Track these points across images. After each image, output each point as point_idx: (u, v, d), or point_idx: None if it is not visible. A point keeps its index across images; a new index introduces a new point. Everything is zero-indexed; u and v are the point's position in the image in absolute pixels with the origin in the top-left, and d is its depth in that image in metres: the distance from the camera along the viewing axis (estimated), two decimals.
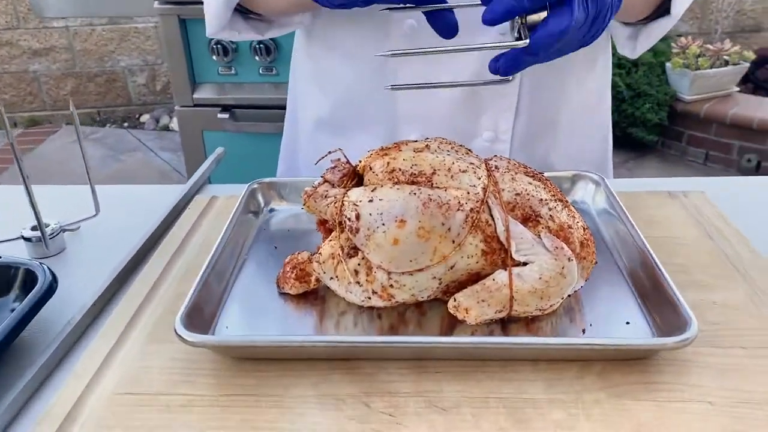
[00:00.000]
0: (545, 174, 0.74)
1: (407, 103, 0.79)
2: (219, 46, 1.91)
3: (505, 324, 0.56)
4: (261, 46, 1.89)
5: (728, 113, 3.03)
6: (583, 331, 0.55)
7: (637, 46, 0.81)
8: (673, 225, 0.71)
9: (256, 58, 1.92)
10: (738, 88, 3.24)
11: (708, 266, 0.63)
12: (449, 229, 0.52)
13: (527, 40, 0.52)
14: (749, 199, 0.80)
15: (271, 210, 0.76)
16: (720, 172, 3.09)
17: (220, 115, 1.99)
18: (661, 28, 0.77)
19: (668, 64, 3.20)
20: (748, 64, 3.21)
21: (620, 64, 3.14)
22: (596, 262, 0.58)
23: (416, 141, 0.61)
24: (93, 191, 0.77)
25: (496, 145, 0.80)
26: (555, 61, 0.78)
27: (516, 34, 0.54)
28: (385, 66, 0.78)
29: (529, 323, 0.56)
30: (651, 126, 3.19)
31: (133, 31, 3.77)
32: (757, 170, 2.96)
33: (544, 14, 0.52)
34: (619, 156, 3.28)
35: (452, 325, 0.56)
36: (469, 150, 0.61)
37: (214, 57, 1.94)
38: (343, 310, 0.59)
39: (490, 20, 0.51)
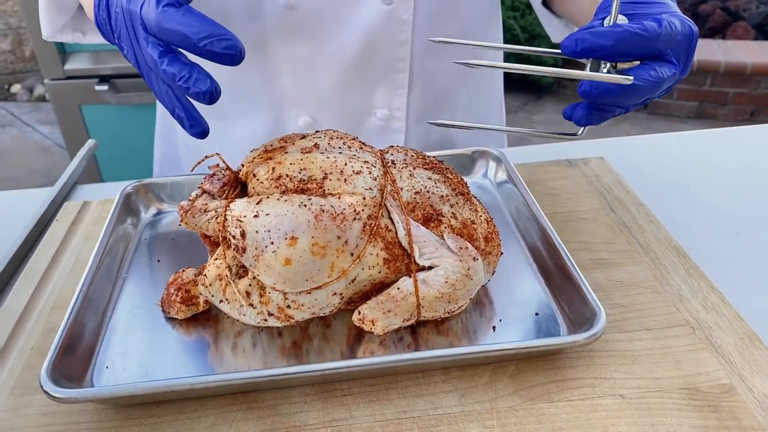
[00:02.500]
0: (446, 153, 0.72)
1: (292, 84, 0.72)
2: None
3: (414, 327, 0.53)
4: None
5: None
6: (494, 328, 0.53)
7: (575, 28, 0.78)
8: (575, 197, 0.70)
9: None
10: None
11: (611, 242, 0.63)
12: (346, 241, 0.47)
13: (631, 77, 0.46)
14: (644, 158, 0.80)
15: (152, 216, 0.68)
16: None
17: (98, 87, 1.82)
18: None
19: None
20: None
21: (514, 6, 3.15)
22: (502, 254, 0.56)
23: (304, 137, 0.55)
24: None
25: (391, 122, 0.75)
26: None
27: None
28: (263, 46, 0.70)
29: (439, 324, 0.53)
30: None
31: None
32: (645, 106, 3.11)
33: (636, 63, 0.48)
34: (519, 99, 3.33)
35: (360, 334, 0.53)
36: (364, 143, 0.56)
37: None
38: (239, 329, 0.54)
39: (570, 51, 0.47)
